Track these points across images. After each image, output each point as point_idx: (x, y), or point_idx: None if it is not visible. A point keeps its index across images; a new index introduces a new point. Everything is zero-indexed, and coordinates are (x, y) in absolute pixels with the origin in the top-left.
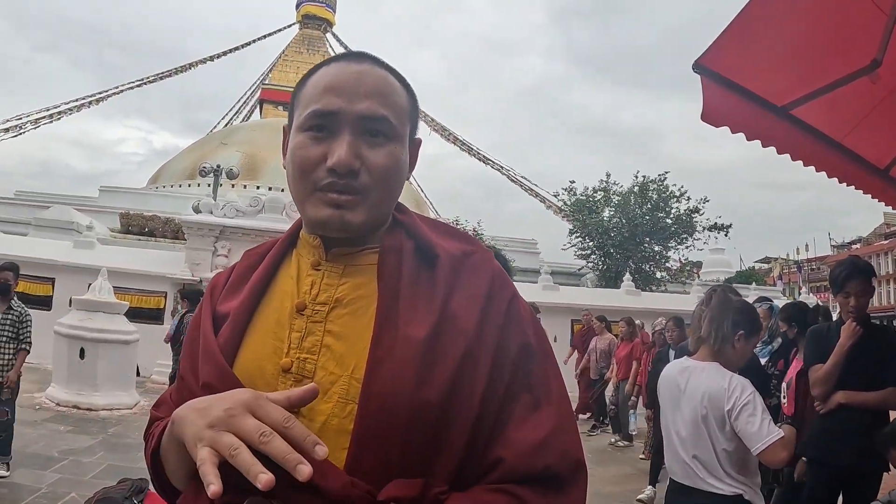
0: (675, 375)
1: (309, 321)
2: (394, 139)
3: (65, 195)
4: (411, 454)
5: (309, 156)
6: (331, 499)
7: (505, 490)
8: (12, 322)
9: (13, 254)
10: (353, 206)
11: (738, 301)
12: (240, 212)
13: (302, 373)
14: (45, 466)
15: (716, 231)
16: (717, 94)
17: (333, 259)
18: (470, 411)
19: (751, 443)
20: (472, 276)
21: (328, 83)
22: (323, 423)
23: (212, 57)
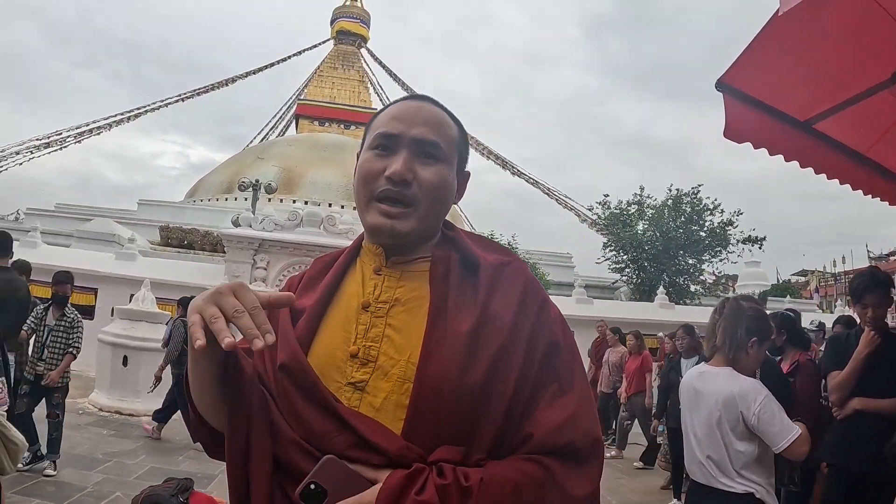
0: (693, 380)
1: (373, 316)
2: (442, 161)
3: (104, 208)
4: (456, 426)
5: (372, 168)
6: (390, 458)
7: (534, 460)
8: (65, 328)
9: (59, 264)
10: (402, 217)
11: (750, 308)
12: (278, 225)
13: (367, 357)
14: (90, 467)
15: (750, 244)
16: (740, 111)
17: (392, 266)
18: (505, 393)
19: (774, 441)
20: (509, 283)
21: (393, 113)
22: (384, 398)
23: (248, 73)
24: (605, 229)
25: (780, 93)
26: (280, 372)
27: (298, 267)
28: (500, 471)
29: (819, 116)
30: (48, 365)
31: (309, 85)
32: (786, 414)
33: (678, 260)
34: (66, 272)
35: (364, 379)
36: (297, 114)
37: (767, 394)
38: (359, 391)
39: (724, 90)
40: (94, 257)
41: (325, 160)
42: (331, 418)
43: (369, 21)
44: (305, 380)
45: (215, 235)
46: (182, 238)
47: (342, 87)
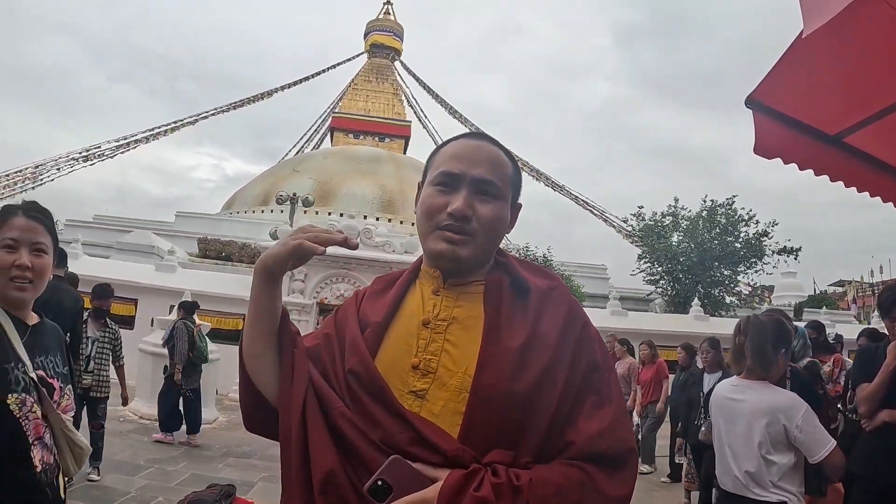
0: (726, 394)
1: (432, 332)
2: (498, 199)
3: (142, 220)
4: (506, 432)
5: (434, 203)
6: (447, 457)
7: (575, 465)
8: (110, 340)
9: (99, 275)
10: (463, 244)
11: (770, 321)
12: None
13: (427, 369)
14: (132, 473)
15: (785, 255)
16: (769, 126)
17: (449, 288)
18: (550, 403)
19: (813, 452)
20: (555, 305)
21: (454, 153)
22: (442, 405)
23: (283, 87)
24: (639, 241)
25: (809, 108)
26: (349, 375)
27: (336, 279)
28: (546, 473)
29: (849, 130)
30: (95, 376)
31: (343, 98)
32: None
33: (713, 271)
34: (107, 285)
35: (424, 388)
36: (332, 126)
37: (807, 406)
38: (419, 399)
39: (754, 107)
40: (135, 269)
41: (361, 173)
42: (395, 418)
43: (402, 34)
44: (373, 383)
45: (253, 247)
46: (220, 250)
47: (376, 99)
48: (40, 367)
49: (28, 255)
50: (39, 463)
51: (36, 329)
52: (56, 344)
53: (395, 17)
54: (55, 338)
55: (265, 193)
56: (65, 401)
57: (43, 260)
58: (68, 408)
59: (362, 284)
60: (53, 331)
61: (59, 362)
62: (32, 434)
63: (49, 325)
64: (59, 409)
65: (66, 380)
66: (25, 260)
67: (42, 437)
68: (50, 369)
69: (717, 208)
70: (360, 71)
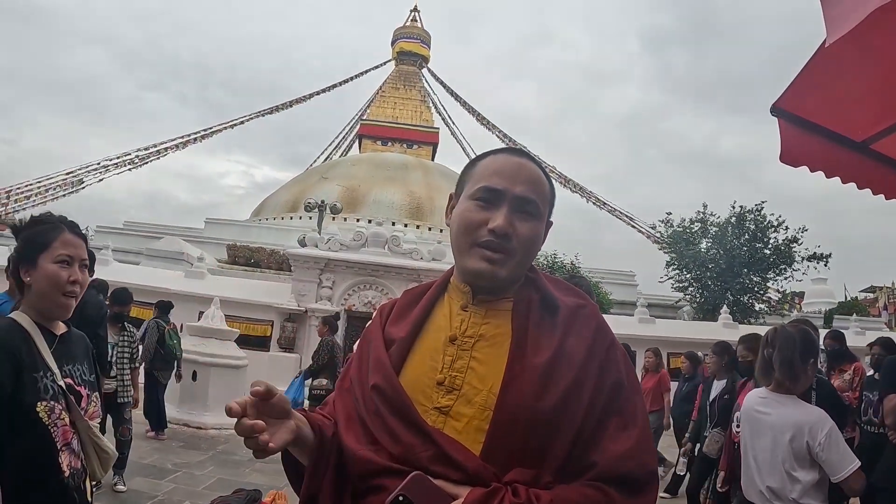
0: (756, 405)
1: (459, 349)
2: (537, 217)
3: (171, 226)
4: (529, 451)
5: (474, 218)
6: (468, 474)
7: (596, 486)
8: (128, 343)
9: (129, 281)
10: (502, 263)
11: (795, 332)
12: (343, 245)
13: (452, 386)
14: (160, 476)
15: (815, 261)
16: (795, 135)
17: (478, 304)
18: (574, 423)
19: (835, 471)
20: (582, 324)
21: (496, 168)
22: (466, 422)
23: (312, 94)
24: (668, 248)
25: (835, 115)
26: (372, 391)
27: (364, 286)
28: (566, 494)
29: (875, 136)
30: (118, 382)
31: (371, 105)
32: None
33: (742, 278)
34: (126, 290)
35: (448, 405)
36: (360, 134)
37: (833, 424)
38: (443, 415)
39: (779, 115)
40: (164, 275)
41: (389, 179)
42: (418, 434)
43: (429, 41)
44: (396, 399)
45: (281, 254)
46: (249, 256)
47: (404, 106)
48: (68, 376)
49: (78, 272)
50: (67, 468)
51: (64, 338)
52: (83, 352)
53: (423, 24)
54: (82, 346)
55: (294, 200)
56: (92, 407)
57: (87, 275)
58: (95, 414)
59: (390, 291)
60: (80, 339)
61: (86, 370)
62: (61, 440)
63: (76, 335)
64: (86, 416)
65: (92, 387)
66: (79, 276)
67: (70, 442)
68: (77, 377)
69: (745, 214)
70: (388, 78)
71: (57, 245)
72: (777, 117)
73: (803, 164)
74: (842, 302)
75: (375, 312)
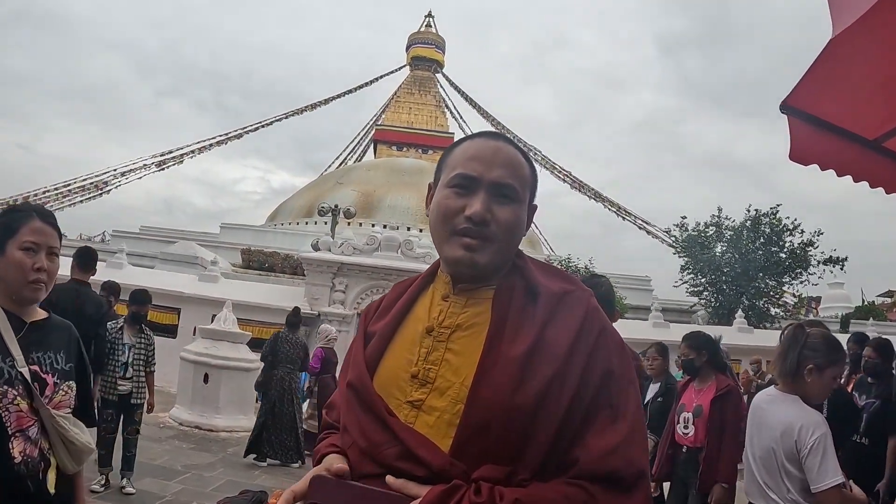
0: (761, 402)
1: (435, 340)
2: (516, 201)
3: (187, 231)
4: (503, 446)
5: (452, 206)
6: (433, 471)
7: (578, 485)
8: (146, 346)
9: (143, 285)
10: (481, 249)
11: (811, 334)
12: (357, 250)
13: (425, 379)
14: (169, 478)
15: (831, 265)
16: (805, 132)
17: (459, 293)
18: (555, 418)
19: (813, 480)
20: (569, 311)
21: (472, 154)
22: (437, 416)
23: (327, 100)
24: (682, 252)
25: (846, 112)
26: (348, 389)
27: (376, 290)
28: (542, 493)
29: (888, 134)
30: (134, 383)
31: (386, 110)
32: (834, 459)
33: (757, 282)
34: (145, 291)
35: (421, 399)
36: (375, 139)
37: (826, 432)
38: (415, 409)
39: (789, 112)
40: (178, 278)
41: (404, 185)
42: (385, 431)
43: (444, 47)
44: (365, 396)
45: (296, 258)
46: (263, 261)
47: (419, 112)
48: (35, 363)
49: (45, 259)
50: (20, 455)
51: (38, 326)
52: (62, 342)
53: (437, 29)
54: (63, 336)
55: (309, 205)
56: (59, 396)
57: (56, 264)
58: (63, 404)
59: None
60: (63, 329)
61: (62, 359)
62: (14, 426)
63: (56, 323)
64: (50, 404)
65: (65, 376)
66: (44, 264)
67: (25, 429)
68: (46, 365)
69: (761, 218)
70: (403, 83)
71: (24, 231)
72: (787, 115)
73: (813, 162)
74: (859, 306)
75: (362, 312)
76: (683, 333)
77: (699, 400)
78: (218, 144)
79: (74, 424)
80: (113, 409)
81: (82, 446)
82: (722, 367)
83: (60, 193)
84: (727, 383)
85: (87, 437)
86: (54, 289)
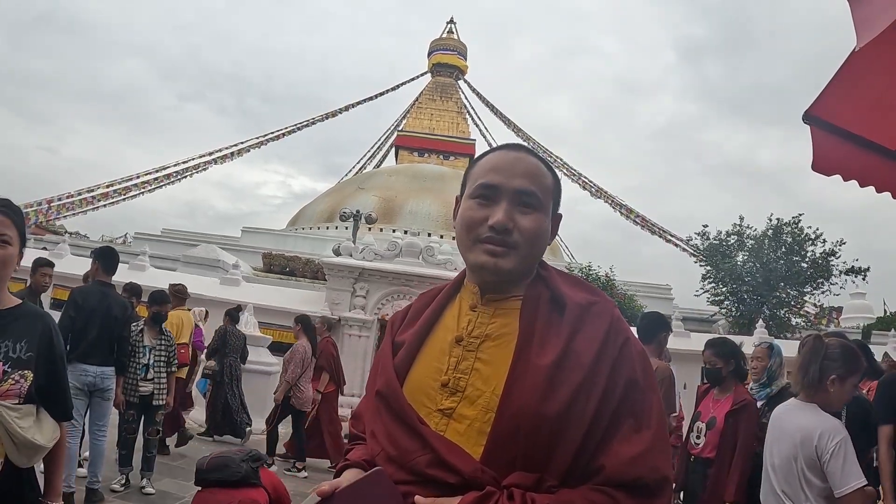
0: (781, 413)
1: (464, 350)
2: (539, 210)
3: (208, 234)
4: (532, 454)
5: (475, 216)
6: (465, 478)
7: (604, 491)
8: (166, 347)
9: (164, 287)
10: (505, 256)
11: (831, 345)
12: (378, 255)
13: (456, 388)
14: (188, 478)
15: (853, 275)
16: (828, 142)
17: (487, 303)
18: (581, 426)
19: (836, 484)
20: (593, 322)
21: (493, 164)
22: (468, 425)
23: (349, 106)
24: (704, 261)
25: (869, 122)
26: (377, 397)
27: (397, 296)
28: (569, 498)
29: None
30: (155, 384)
31: (408, 116)
32: (857, 462)
33: (779, 292)
34: (164, 291)
35: (452, 407)
36: (397, 144)
37: (845, 436)
38: (446, 417)
39: (812, 122)
40: (200, 281)
41: (425, 190)
42: (416, 438)
43: (466, 53)
44: (395, 403)
45: (316, 263)
46: (284, 265)
47: (440, 118)
48: None
49: None
50: None
51: (3, 314)
52: (27, 330)
53: (459, 36)
54: (31, 324)
55: (330, 210)
56: (7, 385)
57: (6, 251)
58: (10, 393)
59: None
60: (33, 317)
61: (21, 347)
62: None
63: (26, 311)
64: None
65: (19, 365)
66: None
67: None
68: (1, 353)
69: (782, 227)
70: (425, 89)
71: None
72: (809, 125)
73: (836, 172)
74: (880, 317)
75: (389, 321)
76: (703, 343)
77: (715, 411)
78: (239, 154)
79: (27, 416)
80: (134, 410)
81: (26, 442)
82: (743, 376)
83: (84, 199)
84: (745, 397)
85: (44, 432)
86: (80, 291)
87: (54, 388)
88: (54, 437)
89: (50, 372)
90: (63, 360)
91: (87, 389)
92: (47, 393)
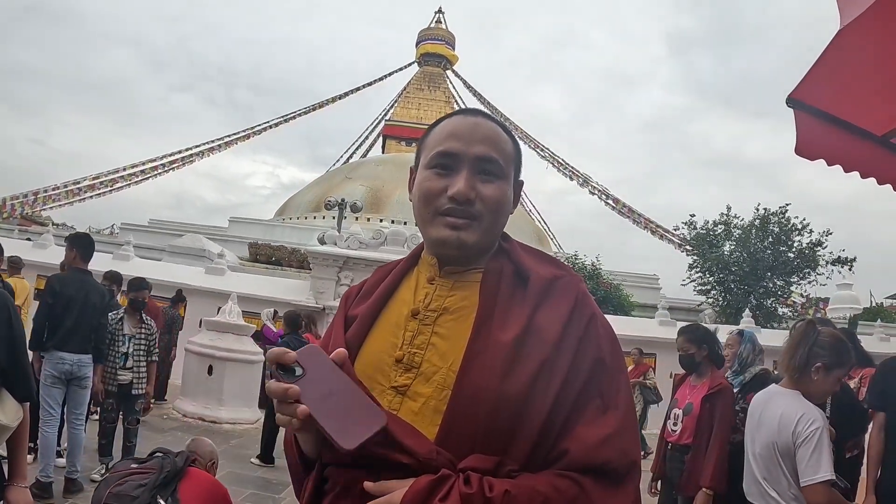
0: (761, 400)
1: (420, 324)
2: (501, 177)
3: (195, 224)
4: (491, 436)
5: (433, 187)
6: (419, 460)
7: (568, 476)
8: (146, 336)
9: (149, 276)
10: (467, 228)
11: (823, 333)
12: (363, 244)
13: (411, 363)
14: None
15: (840, 265)
16: (812, 126)
17: (445, 276)
18: (544, 406)
19: (802, 472)
20: (559, 296)
21: (450, 131)
22: (423, 403)
23: (337, 97)
24: (691, 250)
25: (854, 106)
26: None
27: None
28: (531, 483)
29: None
30: (134, 373)
31: (395, 106)
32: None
33: (765, 282)
34: (142, 278)
35: (406, 384)
36: (385, 134)
37: (822, 426)
38: (400, 395)
39: (795, 106)
40: (184, 270)
41: None
42: None
43: (454, 43)
44: None
45: (302, 253)
46: (270, 255)
47: (428, 107)
48: None
49: None
50: None
51: None
52: None
53: (447, 26)
54: None
55: (317, 200)
56: None
57: None
58: None
59: None
60: None
61: None
62: None
63: None
64: None
65: None
66: None
67: None
68: None
69: (769, 217)
70: (413, 79)
71: None
72: (793, 108)
73: (820, 156)
74: (867, 308)
75: (342, 295)
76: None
77: (692, 397)
78: (227, 146)
79: None
80: (113, 398)
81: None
82: (720, 362)
83: (70, 191)
84: (721, 381)
85: (6, 413)
86: (58, 278)
87: (15, 367)
88: (18, 418)
89: (9, 352)
90: (23, 339)
91: (64, 378)
92: (8, 373)
